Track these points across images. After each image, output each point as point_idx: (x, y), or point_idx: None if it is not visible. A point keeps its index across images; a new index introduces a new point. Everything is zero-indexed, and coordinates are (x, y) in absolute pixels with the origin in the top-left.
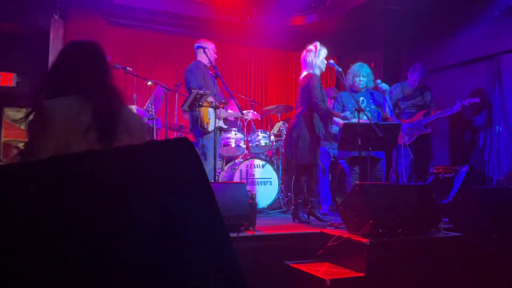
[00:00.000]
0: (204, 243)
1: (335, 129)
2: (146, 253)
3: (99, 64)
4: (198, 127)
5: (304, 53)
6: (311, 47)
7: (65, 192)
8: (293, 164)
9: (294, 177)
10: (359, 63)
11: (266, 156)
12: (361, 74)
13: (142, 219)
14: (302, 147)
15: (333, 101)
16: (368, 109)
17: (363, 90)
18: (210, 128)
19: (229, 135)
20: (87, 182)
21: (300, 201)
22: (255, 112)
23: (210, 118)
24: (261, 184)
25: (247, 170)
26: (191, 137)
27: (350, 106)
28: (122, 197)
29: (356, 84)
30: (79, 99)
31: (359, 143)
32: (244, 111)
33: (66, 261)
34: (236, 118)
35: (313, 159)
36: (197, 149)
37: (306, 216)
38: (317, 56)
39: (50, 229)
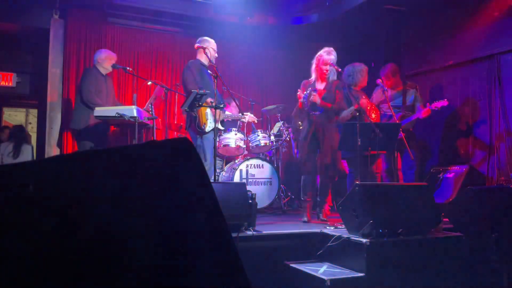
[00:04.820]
0: (206, 244)
1: None
2: (147, 254)
3: None
4: (194, 126)
5: (324, 54)
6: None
7: (65, 193)
8: (304, 165)
9: (310, 179)
10: (358, 63)
11: (266, 156)
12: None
13: (142, 219)
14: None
15: None
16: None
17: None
18: (207, 129)
19: (229, 135)
20: (87, 182)
21: (309, 201)
22: (253, 115)
23: (208, 118)
24: (261, 184)
25: (247, 170)
26: (189, 137)
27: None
28: (122, 197)
29: (357, 81)
30: None
31: (359, 143)
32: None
33: (66, 262)
34: (235, 119)
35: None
36: None
37: (308, 216)
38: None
39: (50, 230)
